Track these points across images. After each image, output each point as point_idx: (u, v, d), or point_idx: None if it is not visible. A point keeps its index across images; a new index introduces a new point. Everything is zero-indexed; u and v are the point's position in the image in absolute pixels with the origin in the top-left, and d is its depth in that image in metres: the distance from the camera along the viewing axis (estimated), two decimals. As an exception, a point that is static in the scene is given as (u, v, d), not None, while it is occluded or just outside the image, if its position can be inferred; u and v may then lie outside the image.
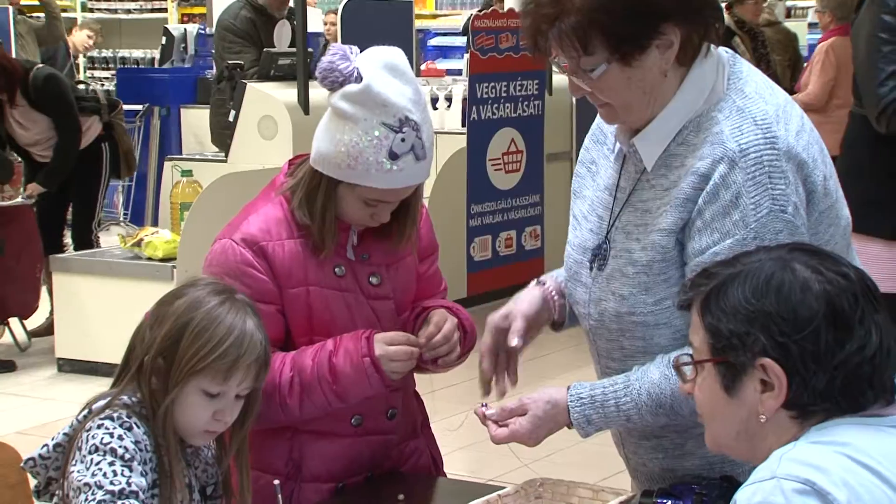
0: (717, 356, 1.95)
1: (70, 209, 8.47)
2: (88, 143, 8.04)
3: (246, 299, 2.45)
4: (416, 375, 2.89)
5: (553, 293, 2.68)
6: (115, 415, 2.33)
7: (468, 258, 7.58)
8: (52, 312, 7.72)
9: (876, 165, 4.34)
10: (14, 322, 7.93)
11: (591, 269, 2.53)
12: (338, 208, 2.67)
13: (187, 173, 7.38)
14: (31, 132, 7.64)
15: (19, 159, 7.86)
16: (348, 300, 2.71)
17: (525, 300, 2.65)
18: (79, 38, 11.31)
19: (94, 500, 2.23)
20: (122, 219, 10.88)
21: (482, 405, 2.54)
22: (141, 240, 7.15)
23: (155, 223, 8.80)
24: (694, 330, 2.00)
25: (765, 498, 1.77)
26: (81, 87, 8.64)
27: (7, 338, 7.97)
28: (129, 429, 2.32)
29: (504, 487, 2.51)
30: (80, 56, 11.78)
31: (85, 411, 2.37)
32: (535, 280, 2.71)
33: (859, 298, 1.89)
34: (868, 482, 1.77)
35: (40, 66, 8.00)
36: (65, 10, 12.12)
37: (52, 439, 2.39)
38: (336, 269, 2.71)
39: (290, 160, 2.74)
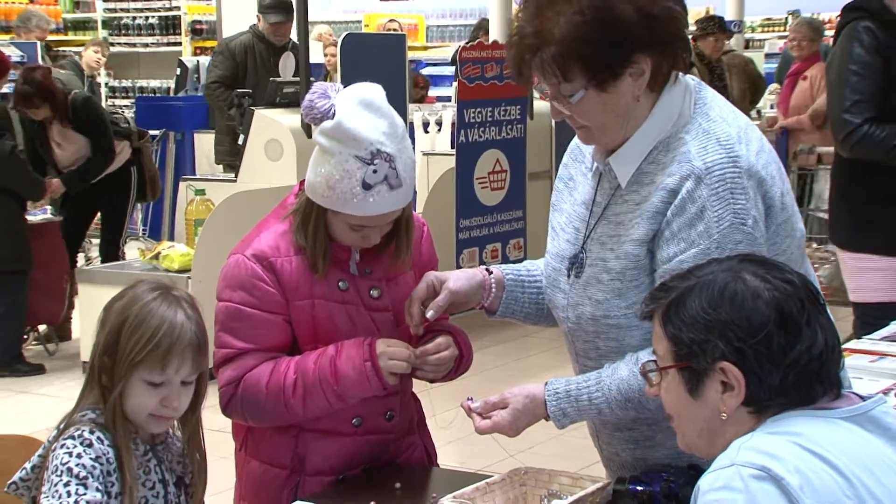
0: (680, 362, 1.96)
1: (85, 228, 8.47)
2: (119, 167, 8.05)
3: (183, 294, 2.44)
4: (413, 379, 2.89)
5: (493, 284, 2.68)
6: (78, 433, 2.31)
7: (457, 268, 7.57)
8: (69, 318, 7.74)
9: (860, 189, 4.34)
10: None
11: (568, 276, 2.54)
12: (331, 232, 2.67)
13: (200, 192, 7.36)
14: (69, 151, 7.65)
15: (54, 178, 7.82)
16: (350, 312, 2.71)
17: (462, 279, 2.66)
18: (88, 56, 11.27)
19: None
20: (141, 234, 10.83)
21: (468, 399, 2.55)
22: (159, 253, 7.13)
23: (171, 238, 8.78)
24: (657, 339, 2.01)
25: (725, 483, 1.79)
26: (116, 115, 8.63)
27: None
28: (90, 445, 2.30)
29: (492, 476, 2.51)
30: (97, 77, 11.68)
31: (55, 432, 2.35)
32: (485, 266, 2.72)
33: (805, 303, 1.91)
34: (817, 468, 1.78)
35: (77, 90, 7.99)
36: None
37: (30, 462, 2.38)
38: (340, 283, 2.71)
39: (300, 181, 2.74)
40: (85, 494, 2.25)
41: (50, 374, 7.45)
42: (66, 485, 2.25)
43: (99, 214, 8.54)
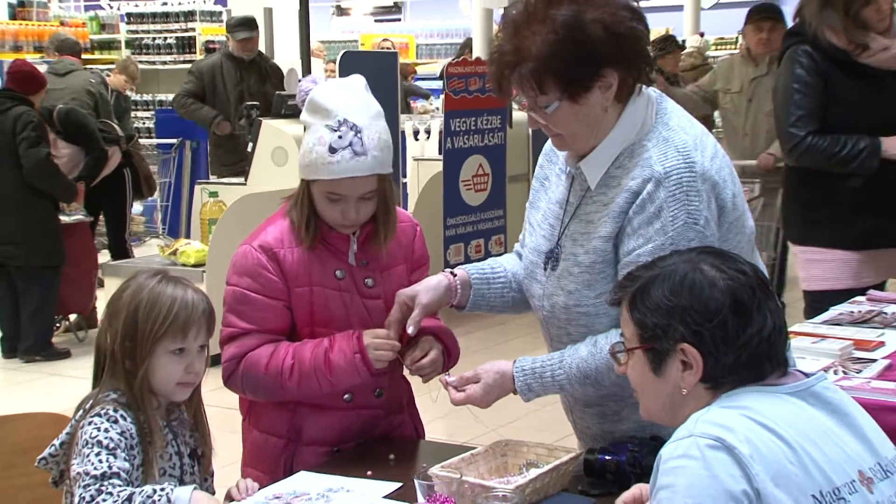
0: (644, 344, 1.97)
1: (92, 228, 8.41)
2: (112, 170, 8.01)
3: (181, 277, 2.47)
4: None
5: (458, 285, 2.67)
6: (103, 411, 2.31)
7: (445, 262, 7.57)
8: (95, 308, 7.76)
9: (807, 192, 4.37)
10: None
11: (545, 269, 2.54)
12: (318, 210, 2.67)
13: (214, 194, 7.36)
14: (63, 160, 7.51)
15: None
16: (345, 299, 2.71)
17: (431, 291, 2.64)
18: (116, 80, 11.26)
19: (83, 485, 2.22)
20: (161, 232, 10.83)
21: (446, 374, 2.58)
22: (176, 249, 7.15)
23: (188, 236, 8.74)
24: (624, 323, 2.02)
25: (684, 452, 1.80)
26: (103, 122, 8.58)
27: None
28: (115, 421, 2.30)
29: (476, 448, 2.51)
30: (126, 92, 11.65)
31: (80, 412, 2.36)
32: (449, 270, 2.71)
33: (756, 290, 1.92)
34: (765, 438, 1.79)
35: (60, 105, 7.88)
36: (113, 63, 12.03)
37: (58, 439, 2.37)
38: (337, 272, 2.71)
39: None
40: (115, 462, 2.25)
41: (78, 358, 7.39)
42: (98, 455, 2.25)
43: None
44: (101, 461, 2.24)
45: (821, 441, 1.84)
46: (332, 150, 2.57)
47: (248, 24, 8.96)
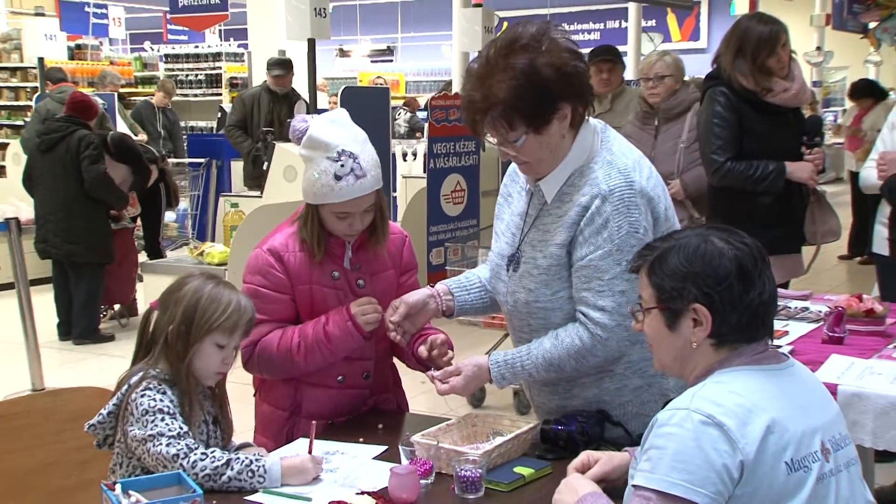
0: (662, 304, 1.93)
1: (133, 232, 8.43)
2: (150, 185, 8.00)
3: (227, 282, 2.46)
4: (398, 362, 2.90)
5: (441, 294, 2.66)
6: (152, 385, 2.29)
7: (427, 263, 7.56)
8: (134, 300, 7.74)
9: (727, 207, 4.37)
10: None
11: (507, 270, 2.53)
12: (325, 225, 2.66)
13: (235, 205, 7.34)
14: (115, 177, 7.53)
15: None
16: (339, 296, 2.70)
17: (414, 294, 2.64)
18: (158, 99, 11.36)
19: (161, 444, 2.20)
20: (191, 237, 10.77)
21: (431, 370, 2.55)
22: (203, 251, 7.12)
23: (213, 239, 8.74)
24: (643, 286, 1.99)
25: (678, 422, 1.77)
26: (147, 145, 8.62)
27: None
28: (164, 392, 2.29)
29: (451, 419, 2.50)
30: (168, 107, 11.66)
31: (125, 386, 2.33)
32: (430, 286, 2.69)
33: (757, 260, 1.89)
34: (751, 414, 1.77)
35: (112, 132, 7.99)
36: (152, 95, 11.99)
37: (105, 409, 2.35)
38: (333, 274, 2.70)
39: None
40: (180, 423, 2.25)
41: (121, 341, 7.39)
42: (162, 419, 2.23)
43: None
44: (166, 424, 2.22)
45: (795, 415, 1.82)
46: (338, 178, 2.55)
47: (283, 64, 9.01)
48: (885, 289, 4.29)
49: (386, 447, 2.46)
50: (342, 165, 2.56)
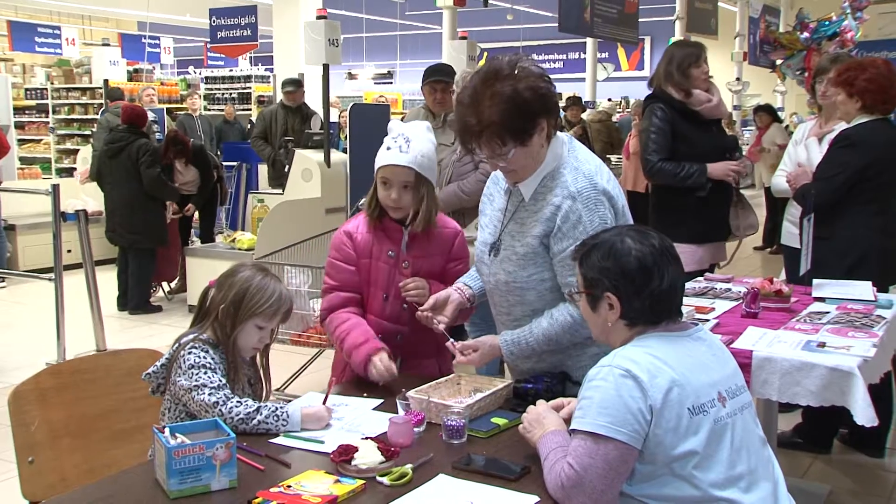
0: (586, 290, 2.00)
1: (191, 222, 8.36)
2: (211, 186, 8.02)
3: (274, 275, 2.43)
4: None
5: (462, 286, 2.63)
6: (199, 345, 2.28)
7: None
8: (183, 278, 7.67)
9: (664, 200, 4.39)
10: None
11: (489, 255, 2.52)
12: (378, 194, 2.69)
13: (261, 201, 7.31)
14: (186, 177, 7.68)
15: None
16: (390, 272, 2.72)
17: (441, 293, 2.60)
18: (190, 102, 11.32)
19: (203, 394, 2.19)
20: (224, 227, 10.73)
21: (451, 341, 2.52)
22: (234, 238, 7.11)
23: (243, 229, 8.70)
24: (577, 274, 2.06)
25: (603, 377, 1.82)
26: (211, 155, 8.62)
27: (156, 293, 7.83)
28: (207, 352, 2.27)
29: (440, 379, 2.49)
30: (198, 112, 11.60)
31: (176, 345, 2.32)
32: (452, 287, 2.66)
33: (658, 257, 1.93)
34: (660, 369, 1.82)
35: (193, 140, 8.18)
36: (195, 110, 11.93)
37: (159, 361, 2.33)
38: (389, 252, 2.72)
39: None
40: (221, 377, 2.24)
41: (168, 312, 7.39)
42: (205, 372, 2.22)
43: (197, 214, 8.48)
44: (208, 377, 2.21)
45: (697, 370, 1.86)
46: (388, 149, 2.64)
47: (294, 82, 8.95)
48: (790, 273, 4.32)
49: (383, 400, 2.44)
50: (395, 141, 2.64)
